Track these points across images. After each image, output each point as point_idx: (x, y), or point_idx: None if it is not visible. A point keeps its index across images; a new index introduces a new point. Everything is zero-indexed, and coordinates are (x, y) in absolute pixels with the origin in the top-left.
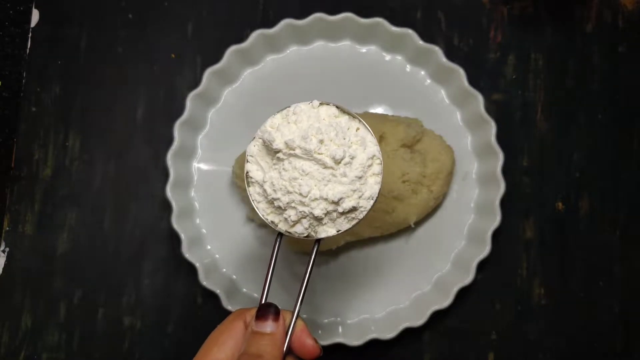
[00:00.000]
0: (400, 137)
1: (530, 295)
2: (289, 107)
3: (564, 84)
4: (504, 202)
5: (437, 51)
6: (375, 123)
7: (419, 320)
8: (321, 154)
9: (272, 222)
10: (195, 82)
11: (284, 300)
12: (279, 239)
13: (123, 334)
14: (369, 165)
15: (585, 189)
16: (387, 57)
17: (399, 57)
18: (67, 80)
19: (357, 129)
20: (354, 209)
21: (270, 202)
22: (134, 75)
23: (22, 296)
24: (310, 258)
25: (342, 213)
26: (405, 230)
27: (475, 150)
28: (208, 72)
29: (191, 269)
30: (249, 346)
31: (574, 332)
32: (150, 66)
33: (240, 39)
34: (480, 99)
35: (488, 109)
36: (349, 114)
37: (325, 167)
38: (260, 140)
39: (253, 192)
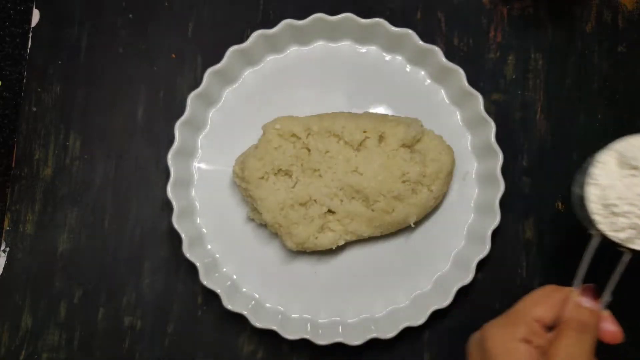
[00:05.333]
0: (400, 137)
1: None
2: None
3: (564, 84)
4: (503, 202)
5: (437, 51)
6: (375, 123)
7: (419, 320)
8: None
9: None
10: (196, 82)
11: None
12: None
13: (123, 334)
14: None
15: None
16: (387, 57)
17: (399, 57)
18: (67, 80)
19: None
20: None
21: (605, 205)
22: (134, 75)
23: (22, 296)
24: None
25: None
26: (405, 230)
27: (475, 150)
28: (208, 72)
29: (191, 269)
30: (578, 314)
31: None
32: (150, 66)
33: (241, 39)
34: (480, 99)
35: (488, 109)
36: None
37: None
38: (616, 153)
39: (593, 191)
